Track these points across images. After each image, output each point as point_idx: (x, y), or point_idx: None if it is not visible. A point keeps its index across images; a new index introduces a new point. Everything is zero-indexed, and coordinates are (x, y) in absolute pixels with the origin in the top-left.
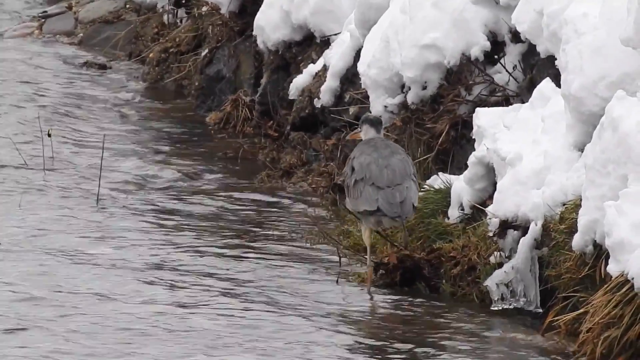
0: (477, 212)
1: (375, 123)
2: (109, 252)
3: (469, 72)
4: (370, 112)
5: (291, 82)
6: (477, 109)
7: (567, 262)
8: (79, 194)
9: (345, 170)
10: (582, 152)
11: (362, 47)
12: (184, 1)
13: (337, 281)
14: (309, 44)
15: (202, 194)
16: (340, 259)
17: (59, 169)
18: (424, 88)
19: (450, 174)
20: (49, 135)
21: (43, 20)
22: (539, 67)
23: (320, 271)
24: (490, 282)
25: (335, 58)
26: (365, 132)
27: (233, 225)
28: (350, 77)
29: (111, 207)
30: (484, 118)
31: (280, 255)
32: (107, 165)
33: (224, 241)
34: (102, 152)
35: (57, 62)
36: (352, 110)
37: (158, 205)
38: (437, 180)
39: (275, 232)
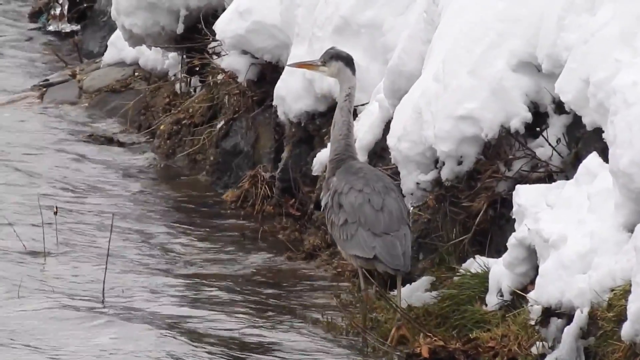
0: (517, 299)
1: (351, 63)
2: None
3: (508, 146)
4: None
5: (314, 156)
6: (518, 186)
7: (616, 353)
8: (83, 280)
9: (327, 200)
10: (632, 233)
11: (391, 118)
12: (197, 69)
13: None
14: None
15: (217, 278)
16: (367, 350)
17: (62, 253)
18: (460, 163)
19: (488, 256)
20: (55, 214)
21: (44, 89)
22: (585, 140)
23: None
24: None
25: (362, 131)
26: (340, 72)
27: (253, 311)
28: (379, 152)
29: (117, 299)
30: (524, 196)
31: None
32: (114, 248)
33: (242, 328)
34: (110, 233)
35: (59, 135)
36: None
37: (169, 292)
38: (474, 264)
39: (297, 321)
